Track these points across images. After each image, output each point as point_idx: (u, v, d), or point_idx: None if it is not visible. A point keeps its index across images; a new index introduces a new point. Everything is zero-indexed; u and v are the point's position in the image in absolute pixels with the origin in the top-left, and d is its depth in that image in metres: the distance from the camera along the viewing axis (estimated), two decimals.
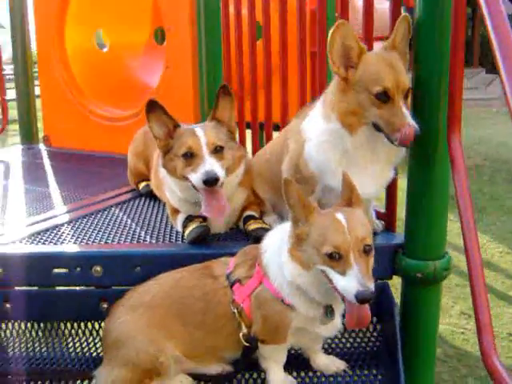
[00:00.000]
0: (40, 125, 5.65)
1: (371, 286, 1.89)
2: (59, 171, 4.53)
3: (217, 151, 2.59)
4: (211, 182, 2.48)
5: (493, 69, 19.61)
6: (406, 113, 2.19)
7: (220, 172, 2.52)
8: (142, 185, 3.61)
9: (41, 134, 5.63)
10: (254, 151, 3.79)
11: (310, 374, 2.42)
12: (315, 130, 2.53)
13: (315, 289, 2.09)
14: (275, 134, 3.48)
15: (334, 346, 2.58)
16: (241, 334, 2.24)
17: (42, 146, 5.53)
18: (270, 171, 2.95)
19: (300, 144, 2.64)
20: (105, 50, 5.82)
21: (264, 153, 3.14)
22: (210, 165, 2.52)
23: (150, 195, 3.50)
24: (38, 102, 5.65)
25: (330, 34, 2.25)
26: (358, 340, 2.62)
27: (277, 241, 2.23)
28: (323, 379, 2.38)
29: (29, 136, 5.70)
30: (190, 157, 2.58)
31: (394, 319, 2.49)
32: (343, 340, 2.63)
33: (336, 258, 1.93)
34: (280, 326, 2.21)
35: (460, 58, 2.20)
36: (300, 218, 2.07)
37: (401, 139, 2.17)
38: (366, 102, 2.27)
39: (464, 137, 2.33)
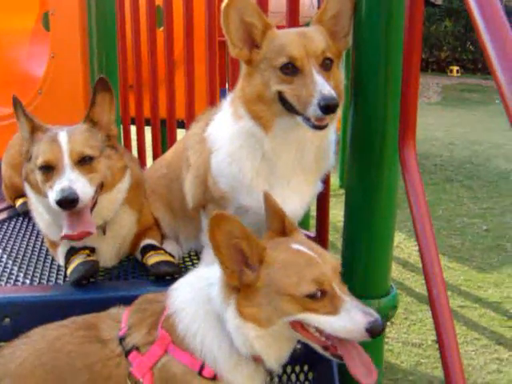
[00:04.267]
0: None
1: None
2: None
3: (84, 162, 2.15)
4: (66, 203, 2.02)
5: None
6: (319, 81, 1.83)
7: (83, 189, 2.08)
8: (20, 202, 3.09)
9: None
10: (155, 154, 3.55)
11: None
12: (223, 136, 2.16)
13: (274, 349, 1.67)
14: (180, 133, 3.23)
15: None
16: None
17: None
18: (168, 189, 2.56)
19: (205, 156, 2.24)
20: None
21: (159, 166, 2.73)
22: (69, 181, 2.06)
23: (29, 215, 2.90)
24: None
25: (222, 10, 1.92)
26: None
27: (197, 300, 1.74)
28: None
29: None
30: (48, 170, 2.12)
31: (331, 366, 2.09)
32: None
33: (319, 297, 1.56)
34: None
35: (416, 53, 1.86)
36: (251, 264, 1.61)
37: (314, 114, 1.82)
38: (273, 79, 1.93)
39: None
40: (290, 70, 1.88)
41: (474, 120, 12.13)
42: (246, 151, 2.09)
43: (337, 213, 4.11)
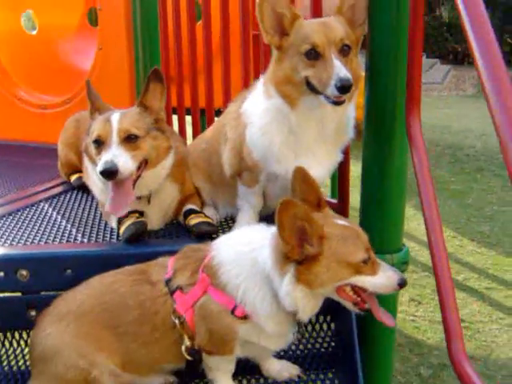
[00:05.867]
0: None
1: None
2: None
3: (130, 140, 2.39)
4: (107, 174, 2.28)
5: (432, 53, 19.94)
6: (337, 65, 2.07)
7: (124, 164, 2.32)
8: (74, 177, 3.38)
9: None
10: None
11: (262, 381, 2.26)
12: (256, 112, 2.41)
13: (310, 306, 1.95)
14: None
15: (285, 348, 2.38)
16: (183, 348, 2.04)
17: None
18: (208, 162, 2.81)
19: (240, 130, 2.49)
20: (34, 32, 5.52)
21: (200, 142, 2.99)
22: (113, 155, 2.32)
23: (83, 188, 3.26)
24: None
25: (258, 2, 2.16)
26: (312, 341, 2.47)
27: (242, 261, 2.01)
28: None
29: None
30: (99, 144, 2.40)
31: (350, 317, 2.34)
32: (295, 342, 2.43)
33: (367, 262, 1.87)
34: (227, 339, 2.02)
35: (419, 35, 2.08)
36: (310, 240, 1.84)
37: (332, 93, 2.07)
38: (299, 64, 2.17)
39: None
40: (313, 55, 2.11)
41: None
42: (275, 125, 2.33)
43: None
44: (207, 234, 2.49)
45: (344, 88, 2.02)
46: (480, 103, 13.09)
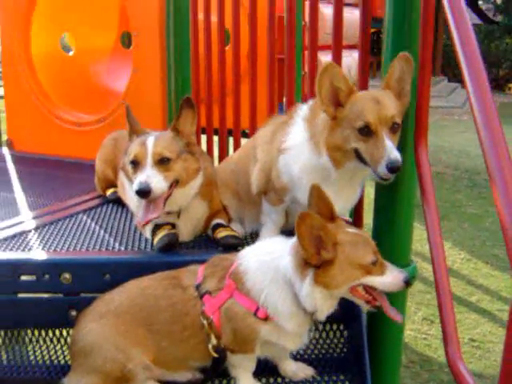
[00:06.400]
0: (3, 127, 5.48)
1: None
2: (24, 176, 4.44)
3: (163, 162, 2.59)
4: (142, 193, 2.49)
5: (454, 77, 20.00)
6: (388, 146, 2.20)
7: (157, 184, 2.52)
8: (110, 191, 3.60)
9: (3, 137, 5.47)
10: (222, 158, 3.86)
11: (279, 380, 2.47)
12: (301, 158, 2.54)
13: (327, 306, 2.17)
14: (243, 141, 3.55)
15: (301, 352, 2.62)
16: (210, 346, 2.26)
17: (5, 150, 5.36)
18: (236, 182, 3.01)
19: (273, 155, 2.67)
20: (70, 53, 5.73)
21: (228, 164, 3.19)
22: (147, 176, 2.52)
23: (118, 202, 3.50)
24: (2, 103, 5.45)
25: (318, 75, 2.26)
26: (326, 346, 2.67)
27: (265, 268, 2.24)
28: None
29: None
30: (135, 165, 2.60)
31: (361, 326, 2.55)
32: (311, 346, 2.67)
33: (375, 263, 2.08)
34: (250, 339, 2.25)
35: (427, 71, 2.26)
36: (326, 247, 2.07)
37: (382, 172, 2.21)
38: (352, 137, 2.28)
39: None
40: (365, 132, 2.23)
41: None
42: (312, 172, 2.48)
43: None
44: (233, 246, 2.70)
45: (393, 169, 2.18)
46: None
